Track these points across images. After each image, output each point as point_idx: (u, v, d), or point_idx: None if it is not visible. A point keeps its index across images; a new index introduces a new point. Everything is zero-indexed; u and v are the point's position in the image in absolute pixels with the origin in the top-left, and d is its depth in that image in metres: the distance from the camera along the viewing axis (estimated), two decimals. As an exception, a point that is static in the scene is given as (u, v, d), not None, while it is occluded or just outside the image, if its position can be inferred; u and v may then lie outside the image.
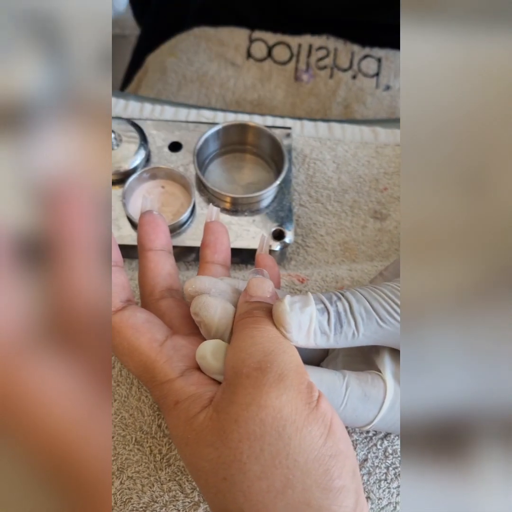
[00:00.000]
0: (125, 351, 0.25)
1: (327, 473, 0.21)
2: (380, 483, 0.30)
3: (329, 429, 0.22)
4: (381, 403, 0.25)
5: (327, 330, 0.24)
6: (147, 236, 0.31)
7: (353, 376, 0.26)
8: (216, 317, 0.25)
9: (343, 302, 0.25)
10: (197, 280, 0.27)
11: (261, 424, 0.21)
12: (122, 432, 0.30)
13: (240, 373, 0.22)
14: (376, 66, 0.65)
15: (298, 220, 0.43)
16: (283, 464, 0.21)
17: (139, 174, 0.40)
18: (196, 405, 0.23)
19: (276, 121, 0.48)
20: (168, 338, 0.26)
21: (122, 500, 0.29)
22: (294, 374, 0.22)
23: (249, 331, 0.24)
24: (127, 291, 0.28)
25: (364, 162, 0.46)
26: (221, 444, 0.21)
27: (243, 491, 0.21)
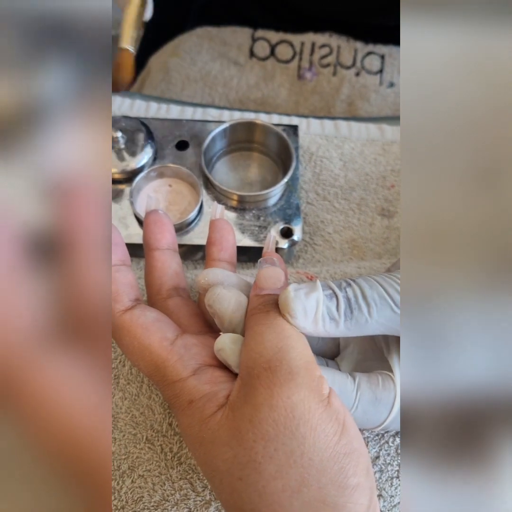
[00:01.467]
0: (135, 351, 0.25)
1: (342, 471, 0.21)
2: (392, 480, 0.30)
3: (343, 427, 0.22)
4: (392, 405, 0.25)
5: (336, 316, 0.24)
6: (153, 235, 0.31)
7: (364, 379, 0.26)
8: (229, 309, 0.25)
9: (354, 288, 0.24)
10: (210, 272, 0.27)
11: (274, 424, 0.21)
12: (133, 431, 0.30)
13: (252, 373, 0.22)
14: (379, 63, 0.65)
15: (306, 218, 0.43)
16: (298, 463, 0.21)
17: (146, 173, 0.40)
18: (212, 404, 0.23)
19: (282, 119, 0.48)
20: (179, 336, 0.25)
21: (133, 499, 0.29)
22: (304, 371, 0.22)
23: (257, 328, 0.24)
24: (135, 290, 0.28)
25: (371, 159, 0.46)
26: (236, 443, 0.21)
27: (258, 491, 0.21)
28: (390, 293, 0.24)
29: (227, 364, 0.25)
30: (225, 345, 0.24)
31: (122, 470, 0.29)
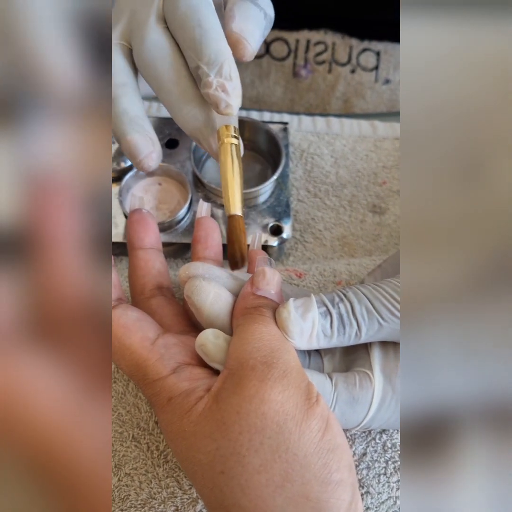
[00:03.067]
0: (116, 350, 0.25)
1: (325, 466, 0.21)
2: (380, 477, 0.29)
3: (327, 423, 0.22)
4: (369, 404, 0.25)
5: (329, 333, 0.24)
6: (136, 235, 0.31)
7: (341, 379, 0.26)
8: (207, 301, 0.25)
9: (345, 303, 0.25)
10: (191, 265, 0.27)
11: (262, 417, 0.21)
12: (119, 429, 0.30)
13: (246, 364, 0.22)
14: (375, 59, 0.64)
15: (296, 215, 0.43)
16: (283, 458, 0.21)
17: (135, 172, 0.40)
18: (191, 398, 0.23)
19: (274, 117, 0.48)
20: (160, 336, 0.25)
21: (120, 497, 0.29)
22: (296, 373, 0.23)
23: (257, 327, 0.24)
24: (117, 289, 0.28)
25: (363, 156, 0.46)
26: (220, 435, 0.21)
27: (241, 485, 0.21)
28: (376, 307, 0.24)
29: (208, 359, 0.25)
30: (207, 340, 0.24)
31: (108, 468, 0.29)
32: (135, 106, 0.30)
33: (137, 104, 0.30)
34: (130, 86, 0.31)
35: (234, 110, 0.29)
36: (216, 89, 0.28)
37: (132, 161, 0.30)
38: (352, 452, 0.30)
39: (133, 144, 0.29)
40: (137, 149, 0.29)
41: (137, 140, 0.29)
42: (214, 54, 0.28)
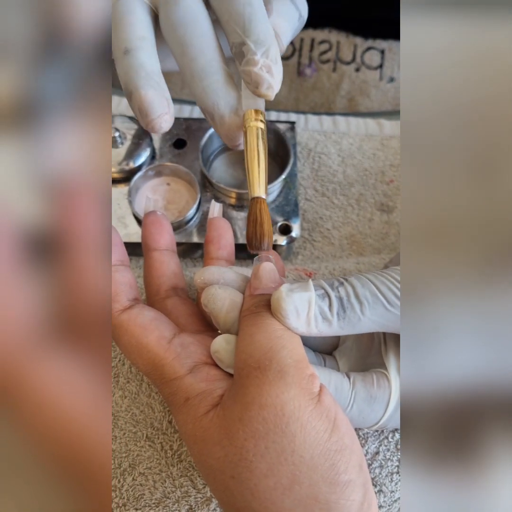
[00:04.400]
0: (133, 349, 0.25)
1: (333, 467, 0.21)
2: (392, 476, 0.30)
3: (334, 423, 0.22)
4: (387, 404, 0.25)
5: (328, 316, 0.24)
6: (152, 236, 0.31)
7: (358, 378, 0.26)
8: (224, 309, 0.25)
9: (346, 286, 0.24)
10: (206, 271, 0.27)
11: (264, 422, 0.21)
12: (133, 429, 0.30)
13: (242, 373, 0.23)
14: (379, 58, 0.64)
15: (304, 215, 0.43)
16: (289, 460, 0.21)
17: (144, 172, 0.40)
18: (207, 402, 0.23)
19: (280, 116, 0.48)
20: (176, 335, 0.26)
21: (134, 496, 0.29)
22: (294, 370, 0.22)
23: (248, 330, 0.24)
24: (134, 289, 0.28)
25: (370, 154, 0.46)
26: (227, 442, 0.21)
27: (250, 489, 0.21)
28: (382, 290, 0.24)
29: (222, 365, 0.25)
30: (220, 346, 0.25)
31: (123, 468, 0.30)
32: (153, 61, 0.28)
33: (155, 61, 0.28)
34: (149, 40, 0.28)
35: (274, 93, 0.27)
36: (261, 68, 0.26)
37: (142, 120, 0.27)
38: (365, 451, 0.30)
39: (147, 100, 0.26)
40: (151, 107, 0.26)
41: (153, 97, 0.26)
42: (263, 34, 0.27)
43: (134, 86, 0.26)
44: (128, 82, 0.27)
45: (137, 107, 0.27)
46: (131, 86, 0.27)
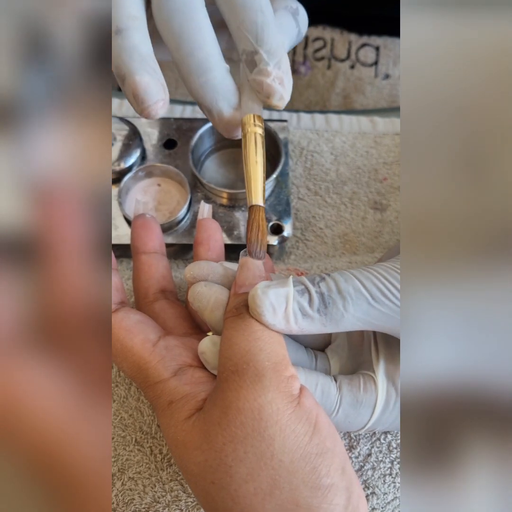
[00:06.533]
0: (118, 353, 0.25)
1: (314, 471, 0.21)
2: (385, 477, 0.29)
3: (314, 426, 0.21)
4: (373, 407, 0.25)
5: (309, 312, 0.23)
6: (140, 239, 0.31)
7: (345, 381, 0.25)
8: (208, 307, 0.25)
9: (328, 282, 0.23)
10: (195, 265, 0.27)
11: (242, 427, 0.21)
12: (122, 433, 0.30)
13: (221, 377, 0.22)
14: (374, 54, 0.64)
15: (297, 214, 0.43)
16: (268, 465, 0.20)
17: (134, 173, 0.40)
18: (191, 406, 0.23)
19: (273, 114, 0.48)
20: (161, 338, 0.26)
21: (124, 501, 0.29)
22: (271, 372, 0.22)
23: (227, 333, 0.23)
24: (120, 293, 0.28)
25: (363, 152, 0.45)
26: (207, 447, 0.21)
27: (231, 494, 0.21)
28: (367, 286, 0.23)
29: (209, 367, 0.25)
30: (206, 348, 0.24)
31: (112, 472, 0.29)
32: (147, 44, 0.26)
33: (148, 43, 0.26)
34: (142, 21, 0.26)
35: (285, 104, 0.28)
36: (274, 80, 0.26)
37: (137, 106, 0.26)
38: (357, 453, 0.30)
39: (142, 86, 0.25)
40: (147, 93, 0.25)
41: (148, 82, 0.25)
42: (276, 45, 0.26)
43: (128, 70, 0.25)
44: (121, 65, 0.25)
45: (131, 92, 0.25)
46: (124, 70, 0.25)
